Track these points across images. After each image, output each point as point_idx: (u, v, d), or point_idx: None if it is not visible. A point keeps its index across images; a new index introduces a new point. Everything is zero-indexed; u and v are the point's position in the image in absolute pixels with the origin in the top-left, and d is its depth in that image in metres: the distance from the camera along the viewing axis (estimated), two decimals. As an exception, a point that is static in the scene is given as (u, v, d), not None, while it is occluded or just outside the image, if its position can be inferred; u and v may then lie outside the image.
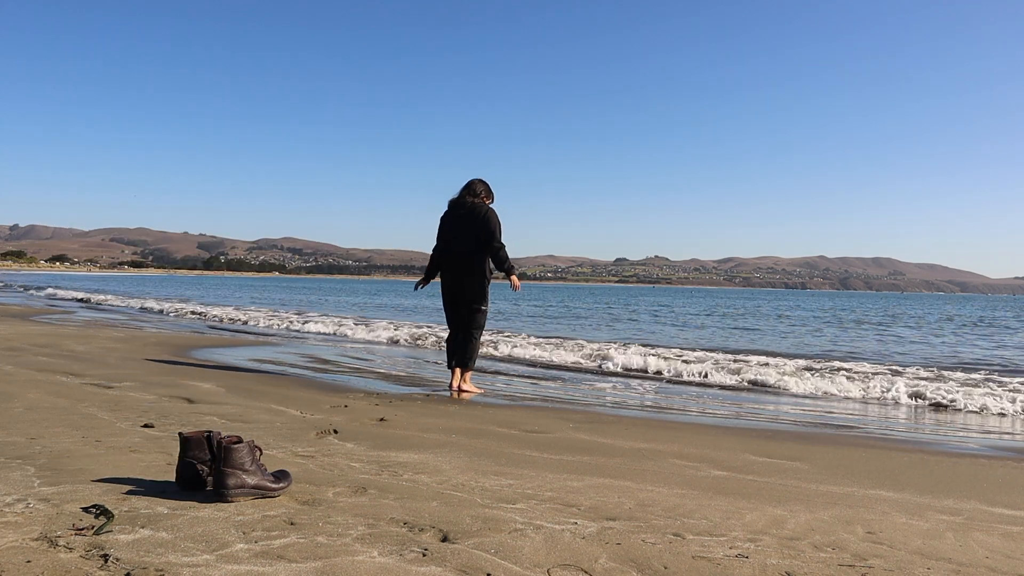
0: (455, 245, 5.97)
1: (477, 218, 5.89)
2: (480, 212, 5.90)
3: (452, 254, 5.98)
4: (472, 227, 5.89)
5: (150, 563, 1.81)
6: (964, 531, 2.53)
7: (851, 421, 5.53)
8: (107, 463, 2.82)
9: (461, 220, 5.95)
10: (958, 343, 15.47)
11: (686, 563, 2.02)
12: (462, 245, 5.93)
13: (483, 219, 5.87)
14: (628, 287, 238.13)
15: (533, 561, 1.97)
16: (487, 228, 5.85)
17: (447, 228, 6.05)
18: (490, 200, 6.10)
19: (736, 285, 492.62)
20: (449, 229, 6.03)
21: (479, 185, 6.07)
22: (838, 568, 2.05)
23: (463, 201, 6.01)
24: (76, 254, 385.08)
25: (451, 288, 6.02)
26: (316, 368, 7.30)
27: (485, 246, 5.88)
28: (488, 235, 5.85)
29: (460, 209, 5.99)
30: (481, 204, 5.99)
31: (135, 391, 4.94)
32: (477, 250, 5.90)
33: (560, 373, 8.22)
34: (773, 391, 7.31)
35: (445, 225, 6.07)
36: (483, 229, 5.86)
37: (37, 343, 8.04)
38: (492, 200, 6.12)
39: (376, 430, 3.98)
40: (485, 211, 5.92)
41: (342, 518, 2.25)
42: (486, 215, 5.89)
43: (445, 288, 6.09)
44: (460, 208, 5.99)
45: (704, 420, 5.20)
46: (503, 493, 2.69)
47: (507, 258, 5.93)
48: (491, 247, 5.88)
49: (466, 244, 5.91)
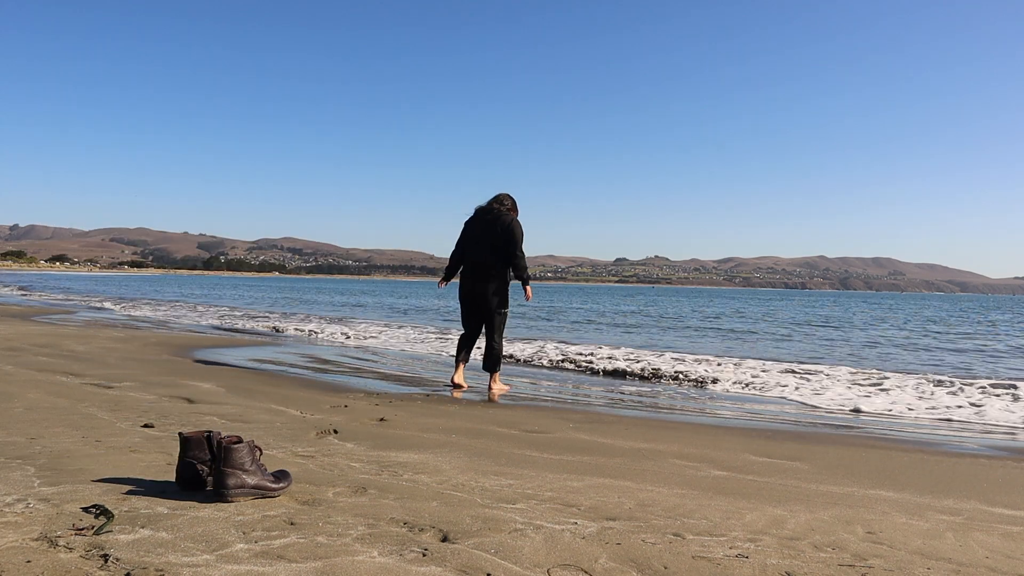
0: (476, 249, 6.22)
1: (502, 226, 6.12)
2: (505, 220, 6.14)
3: (472, 258, 6.24)
4: (495, 233, 6.13)
5: (150, 563, 1.81)
6: (964, 531, 2.53)
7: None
8: (107, 463, 2.82)
9: (486, 226, 6.19)
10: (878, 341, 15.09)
11: (686, 563, 2.03)
12: (483, 250, 6.18)
13: (507, 227, 6.10)
14: (636, 287, 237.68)
15: (533, 561, 1.97)
16: (511, 236, 6.08)
17: (470, 232, 6.29)
18: (515, 213, 6.33)
19: (736, 285, 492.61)
20: (472, 234, 6.27)
21: (507, 198, 6.33)
22: (838, 568, 2.05)
23: (490, 208, 6.25)
24: (76, 254, 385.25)
25: (470, 291, 6.25)
26: (316, 368, 7.30)
27: (506, 253, 6.11)
28: (512, 243, 6.08)
29: (487, 215, 6.22)
30: (507, 213, 6.23)
31: (135, 391, 4.94)
32: (497, 256, 6.13)
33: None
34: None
35: (469, 230, 6.31)
36: (506, 236, 6.08)
37: (37, 343, 8.04)
38: (517, 214, 6.35)
39: (376, 430, 3.98)
40: (510, 220, 6.17)
41: (342, 518, 2.25)
42: (511, 224, 6.12)
43: (464, 291, 6.32)
44: (487, 214, 6.23)
45: (704, 420, 5.20)
46: (503, 493, 2.69)
47: (525, 268, 6.17)
48: (512, 255, 6.09)
49: (487, 249, 6.16)
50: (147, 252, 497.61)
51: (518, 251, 6.10)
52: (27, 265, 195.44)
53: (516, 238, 6.09)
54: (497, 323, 6.23)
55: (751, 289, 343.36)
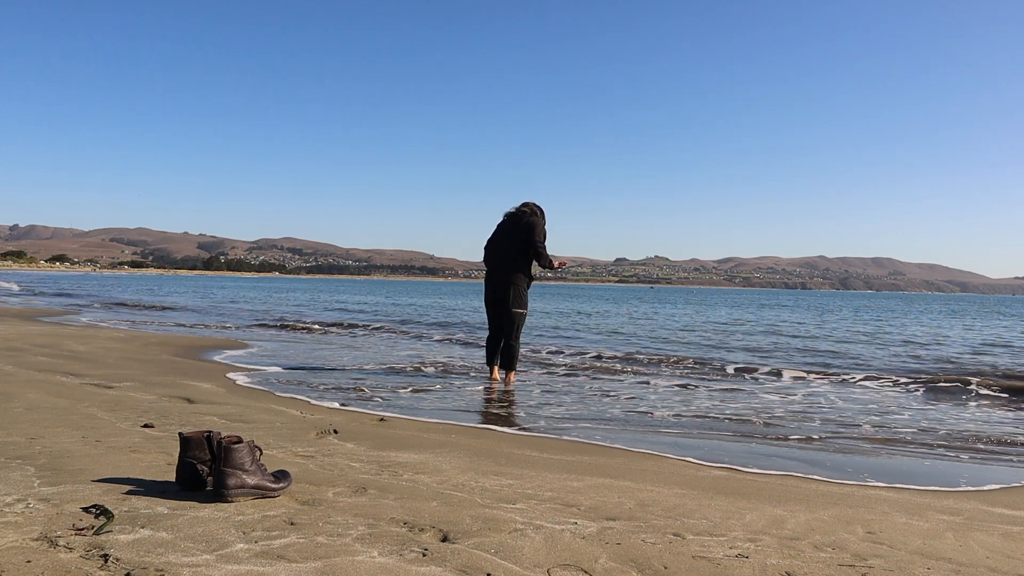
0: (497, 252, 6.52)
1: (524, 223, 6.42)
2: (526, 219, 6.46)
3: (494, 260, 6.53)
4: (516, 232, 6.43)
5: (150, 563, 1.81)
6: (964, 531, 2.53)
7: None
8: (107, 463, 2.82)
9: (509, 227, 6.50)
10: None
11: (686, 563, 2.02)
12: (504, 252, 6.48)
13: (529, 223, 6.41)
14: (637, 287, 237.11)
15: (533, 561, 1.97)
16: (531, 228, 6.37)
17: (494, 236, 6.61)
18: (540, 218, 6.54)
19: (736, 285, 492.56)
20: (495, 237, 6.60)
21: (534, 204, 6.59)
22: (838, 568, 2.05)
23: (516, 211, 6.54)
24: (76, 254, 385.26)
25: (493, 291, 6.49)
26: (316, 367, 7.30)
27: (526, 245, 6.37)
28: (532, 234, 6.38)
29: (513, 217, 6.53)
30: (531, 215, 6.50)
31: (135, 391, 4.94)
32: (518, 255, 6.42)
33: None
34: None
35: (494, 233, 6.62)
36: (527, 228, 6.38)
37: (37, 343, 8.04)
38: (542, 219, 6.55)
39: (376, 430, 3.98)
40: (533, 219, 6.44)
41: (342, 518, 2.25)
42: (532, 220, 6.43)
43: (486, 292, 6.59)
44: (513, 217, 6.53)
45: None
46: (503, 493, 2.69)
47: (545, 254, 6.41)
48: (532, 243, 6.35)
49: (507, 251, 6.46)
50: (147, 252, 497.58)
51: (538, 241, 6.33)
52: (27, 265, 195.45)
53: (536, 230, 6.34)
54: (517, 321, 6.44)
55: (751, 289, 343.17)
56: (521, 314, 6.44)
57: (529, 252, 6.38)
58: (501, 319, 6.46)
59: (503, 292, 6.39)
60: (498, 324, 6.51)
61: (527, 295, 6.51)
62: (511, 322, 6.40)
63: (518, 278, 6.41)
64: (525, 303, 6.47)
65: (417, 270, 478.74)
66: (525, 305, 6.47)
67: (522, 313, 6.45)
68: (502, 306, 6.40)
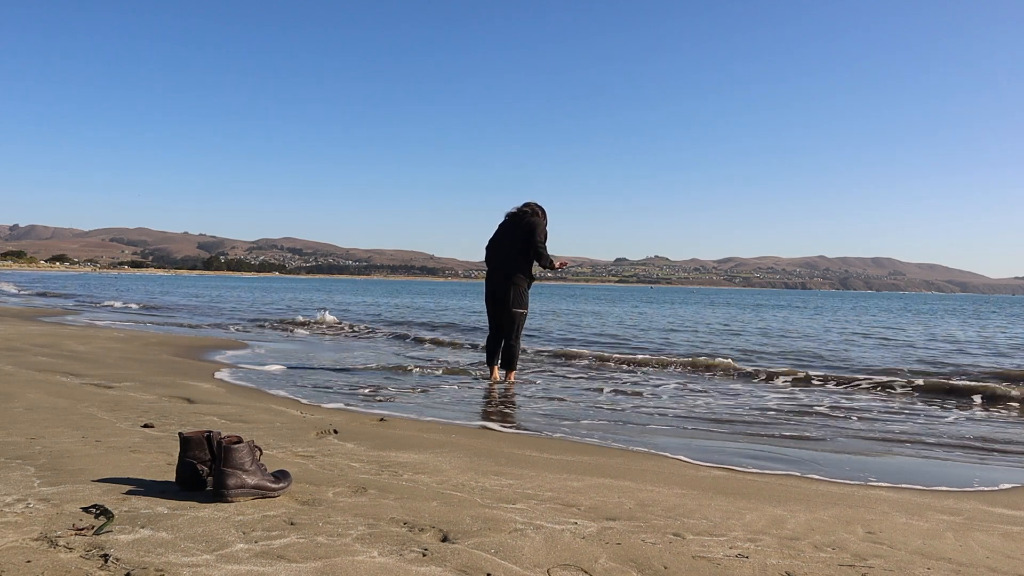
0: (498, 251, 6.54)
1: (525, 223, 6.43)
2: (527, 219, 6.46)
3: (494, 260, 6.55)
4: (519, 233, 6.44)
5: (150, 563, 1.81)
6: (964, 531, 2.53)
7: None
8: (107, 463, 2.82)
9: (510, 227, 6.51)
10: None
11: (686, 563, 2.02)
12: (504, 251, 6.50)
13: (530, 224, 6.41)
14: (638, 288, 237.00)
15: (533, 561, 1.97)
16: (532, 228, 6.38)
17: (495, 236, 6.61)
18: (541, 218, 6.55)
19: (736, 285, 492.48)
20: (496, 237, 6.60)
21: (536, 204, 6.59)
22: (838, 568, 2.05)
23: (517, 211, 6.55)
24: (76, 254, 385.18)
25: (494, 290, 6.52)
26: (316, 367, 7.30)
27: (526, 245, 6.38)
28: (532, 234, 6.35)
29: (514, 218, 6.53)
30: (532, 215, 6.51)
31: (135, 391, 4.94)
32: (518, 255, 6.43)
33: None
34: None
35: (495, 234, 6.62)
36: (528, 228, 6.39)
37: (37, 343, 8.04)
38: (544, 219, 6.56)
39: (376, 430, 3.98)
40: (534, 219, 6.45)
41: (342, 518, 2.25)
42: (533, 220, 6.44)
43: (486, 292, 6.61)
44: (515, 217, 6.54)
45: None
46: (503, 493, 2.69)
47: (545, 255, 6.43)
48: (532, 243, 6.36)
49: (508, 250, 6.48)
50: (147, 252, 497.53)
51: (539, 241, 6.34)
52: (27, 265, 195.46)
53: (537, 231, 6.36)
54: (517, 321, 6.46)
55: (752, 289, 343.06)
56: (522, 314, 6.46)
57: (530, 252, 6.40)
58: (502, 319, 6.48)
59: (504, 292, 6.41)
60: (499, 324, 6.53)
61: (528, 295, 6.53)
62: (512, 322, 6.42)
63: (519, 278, 6.43)
64: (526, 303, 6.49)
65: (417, 270, 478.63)
66: (526, 305, 6.49)
67: (523, 313, 6.47)
68: (503, 306, 6.42)
